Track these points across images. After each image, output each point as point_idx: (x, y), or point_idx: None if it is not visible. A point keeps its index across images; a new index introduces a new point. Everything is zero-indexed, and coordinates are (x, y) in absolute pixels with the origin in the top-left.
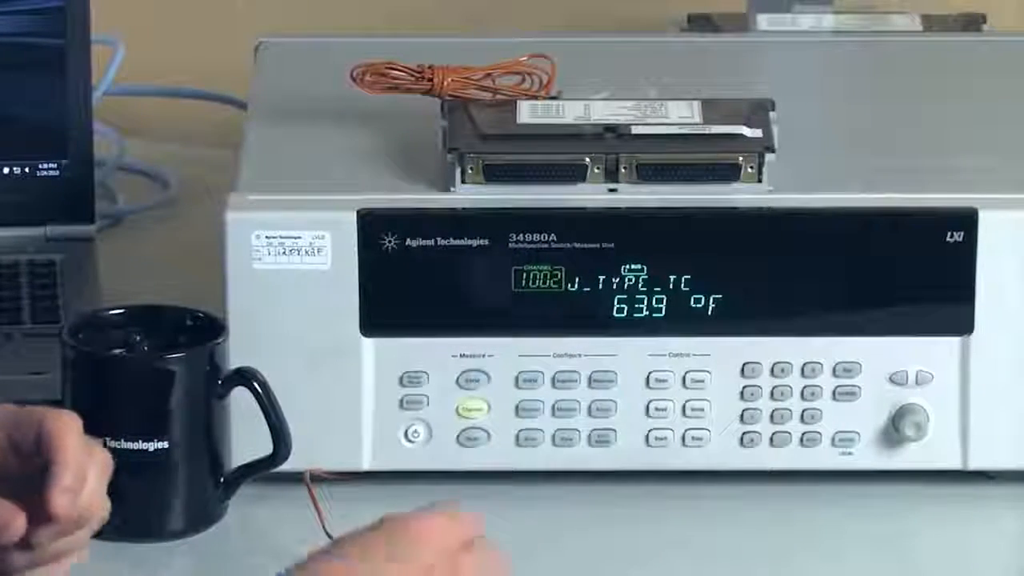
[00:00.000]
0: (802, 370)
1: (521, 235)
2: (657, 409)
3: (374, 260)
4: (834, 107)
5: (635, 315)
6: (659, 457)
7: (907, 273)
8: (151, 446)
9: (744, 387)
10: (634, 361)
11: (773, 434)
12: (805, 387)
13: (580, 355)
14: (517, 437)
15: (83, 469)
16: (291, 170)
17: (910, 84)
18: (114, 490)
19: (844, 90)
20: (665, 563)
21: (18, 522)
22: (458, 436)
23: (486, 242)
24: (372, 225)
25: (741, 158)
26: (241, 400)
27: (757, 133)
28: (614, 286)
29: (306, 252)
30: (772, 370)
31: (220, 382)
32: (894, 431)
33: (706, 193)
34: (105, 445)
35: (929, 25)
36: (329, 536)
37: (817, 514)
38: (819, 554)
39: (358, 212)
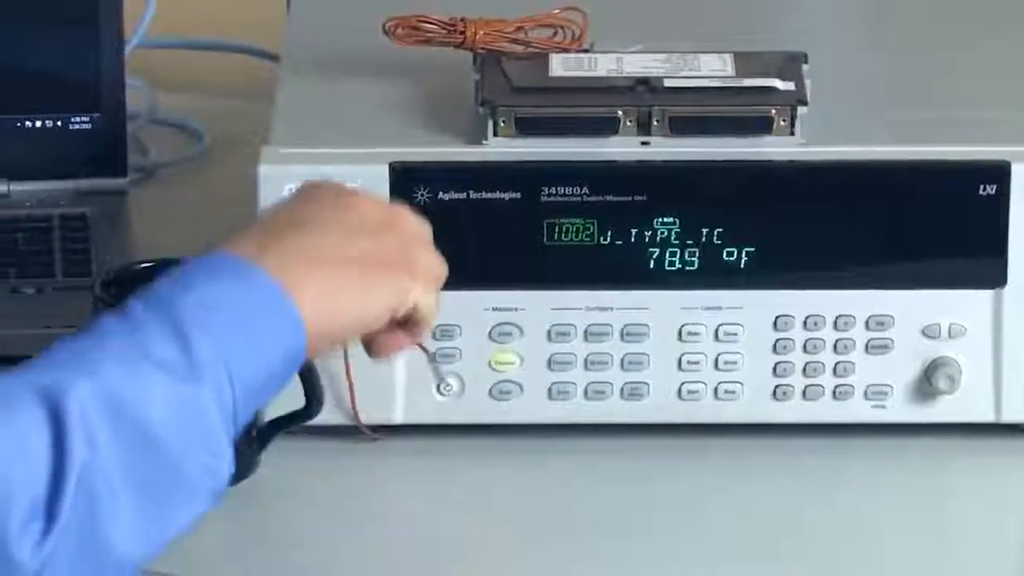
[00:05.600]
0: (835, 323)
1: (553, 188)
2: (690, 362)
3: None
4: (867, 59)
5: (668, 268)
6: (691, 410)
7: (940, 226)
8: None
9: (777, 340)
10: (667, 314)
11: (806, 387)
12: (838, 340)
13: (612, 308)
14: (550, 390)
15: None
16: (323, 123)
17: (944, 35)
18: None
19: (877, 42)
20: (696, 516)
21: None
22: (491, 389)
23: (518, 195)
24: (404, 178)
25: (774, 111)
26: None
27: (790, 86)
28: (647, 239)
29: None
30: (805, 323)
31: None
32: (927, 384)
33: (739, 146)
34: None
35: None
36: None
37: (850, 467)
38: (852, 507)
39: (390, 165)
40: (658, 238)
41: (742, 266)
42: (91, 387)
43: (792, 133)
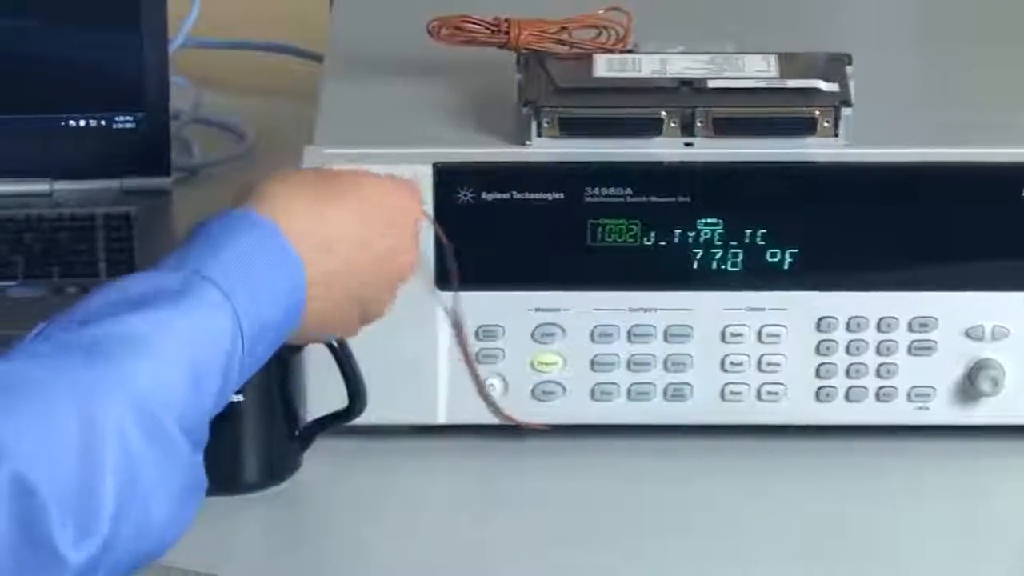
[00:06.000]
0: (878, 325)
1: (597, 189)
2: (733, 363)
3: (449, 214)
4: (911, 60)
5: (711, 269)
6: (734, 411)
7: (984, 228)
8: None
9: (820, 341)
10: (710, 315)
11: (849, 389)
12: (881, 342)
13: (656, 309)
14: (592, 391)
15: None
16: (367, 123)
17: (988, 36)
18: None
19: (921, 43)
20: (739, 516)
21: None
22: (533, 390)
23: (561, 196)
24: (448, 179)
25: (817, 112)
26: (317, 353)
27: (834, 87)
28: (690, 240)
29: None
30: (848, 325)
31: None
32: (970, 386)
33: (782, 147)
34: None
35: None
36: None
37: (892, 468)
38: (894, 508)
39: (434, 166)
40: (701, 239)
41: (785, 267)
42: (127, 397)
43: (836, 134)
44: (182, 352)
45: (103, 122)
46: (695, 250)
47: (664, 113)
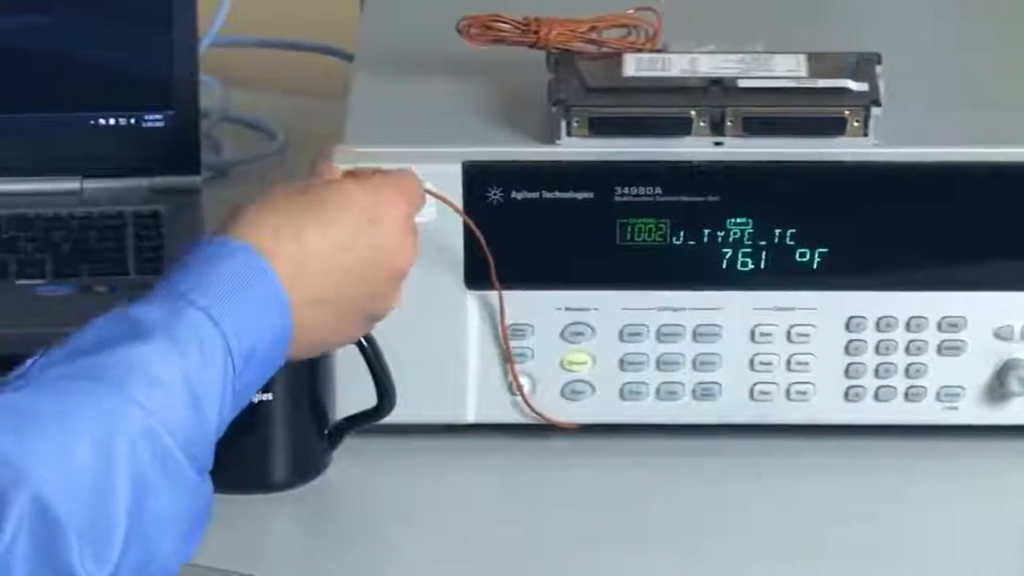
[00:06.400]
0: (907, 324)
1: (626, 188)
2: (762, 363)
3: (479, 213)
4: (941, 60)
5: (740, 268)
6: (763, 411)
7: (1013, 227)
8: (255, 398)
9: (849, 341)
10: (739, 315)
11: (878, 388)
12: (910, 341)
13: (685, 308)
14: (621, 390)
15: None
16: (397, 122)
17: (1017, 36)
18: (218, 442)
19: (951, 43)
20: (767, 516)
21: None
22: (562, 389)
23: (591, 195)
24: (477, 177)
25: (847, 112)
26: (346, 352)
27: (863, 87)
28: (719, 239)
29: None
30: (877, 324)
31: None
32: (999, 386)
33: (812, 147)
34: None
35: None
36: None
37: (921, 468)
38: (923, 508)
39: (463, 164)
40: (731, 238)
41: (815, 267)
42: (137, 422)
43: (865, 134)
44: (181, 378)
45: (133, 120)
46: (724, 249)
47: (693, 112)
